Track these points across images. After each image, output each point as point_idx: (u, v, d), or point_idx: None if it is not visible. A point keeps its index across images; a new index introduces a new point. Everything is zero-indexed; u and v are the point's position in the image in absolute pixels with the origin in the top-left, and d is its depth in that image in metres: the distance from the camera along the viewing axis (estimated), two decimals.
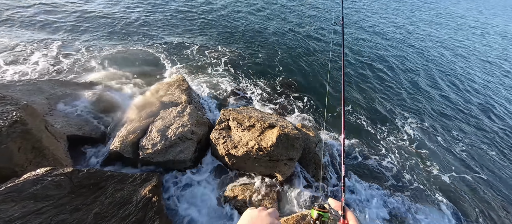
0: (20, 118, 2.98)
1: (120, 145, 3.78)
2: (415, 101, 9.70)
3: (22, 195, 2.16)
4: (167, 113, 4.57)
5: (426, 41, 16.52)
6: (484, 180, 6.85)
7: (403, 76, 11.34)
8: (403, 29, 17.92)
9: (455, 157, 7.42)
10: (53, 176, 2.43)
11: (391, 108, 8.88)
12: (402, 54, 13.64)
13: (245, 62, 9.47)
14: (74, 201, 2.35)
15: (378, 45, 14.16)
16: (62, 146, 3.74)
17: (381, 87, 10.12)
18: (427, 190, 5.98)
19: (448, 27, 21.20)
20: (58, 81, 4.96)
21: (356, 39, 14.17)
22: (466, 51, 16.18)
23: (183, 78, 5.76)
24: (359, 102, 8.79)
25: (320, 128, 7.17)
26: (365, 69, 11.28)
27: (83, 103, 4.52)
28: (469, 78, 12.67)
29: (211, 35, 10.85)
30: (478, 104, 10.70)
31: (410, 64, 12.73)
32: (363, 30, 15.83)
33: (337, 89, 9.46)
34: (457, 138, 8.25)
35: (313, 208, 0.86)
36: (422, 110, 9.24)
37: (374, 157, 6.57)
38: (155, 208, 2.69)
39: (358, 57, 12.18)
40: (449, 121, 8.98)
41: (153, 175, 3.06)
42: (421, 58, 13.77)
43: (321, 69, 10.20)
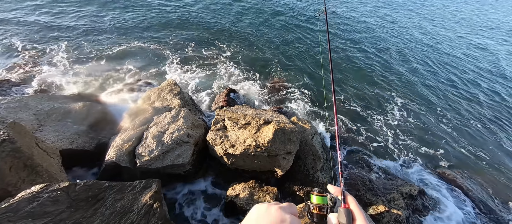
0: (8, 136, 2.88)
1: (116, 155, 3.72)
2: (404, 84, 9.96)
3: (19, 214, 2.10)
4: (161, 119, 4.52)
5: (411, 29, 16.94)
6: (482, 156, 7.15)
7: (391, 61, 11.60)
8: (386, 17, 18.27)
9: (443, 132, 7.70)
10: (49, 192, 2.37)
11: (379, 92, 9.10)
12: (384, 40, 13.91)
13: (236, 59, 9.45)
14: (73, 215, 2.31)
15: (365, 32, 14.40)
16: (56, 161, 3.64)
17: (370, 71, 10.32)
18: (419, 166, 6.20)
19: (433, 16, 21.79)
20: (44, 95, 4.81)
21: (342, 28, 14.35)
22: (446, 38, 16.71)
23: (175, 82, 5.70)
24: (350, 89, 8.95)
25: (316, 118, 7.27)
26: (354, 54, 11.46)
27: (73, 116, 4.41)
28: (454, 62, 13.11)
29: (198, 35, 10.74)
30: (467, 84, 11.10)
31: (396, 49, 13.02)
32: (347, 18, 16.01)
33: (328, 80, 9.59)
34: (441, 113, 8.56)
35: (311, 193, 0.85)
36: (409, 90, 9.51)
37: (368, 142, 6.73)
38: (158, 214, 2.67)
39: (347, 44, 12.35)
40: (431, 96, 9.29)
41: (153, 181, 3.03)
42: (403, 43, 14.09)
43: (312, 60, 10.31)
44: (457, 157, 6.90)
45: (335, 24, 14.71)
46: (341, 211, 0.73)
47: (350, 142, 6.64)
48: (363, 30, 14.61)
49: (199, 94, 7.46)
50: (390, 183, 5.06)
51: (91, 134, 4.35)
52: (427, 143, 7.17)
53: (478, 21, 21.63)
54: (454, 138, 7.63)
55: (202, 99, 7.30)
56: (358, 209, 0.74)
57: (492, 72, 12.59)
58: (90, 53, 8.20)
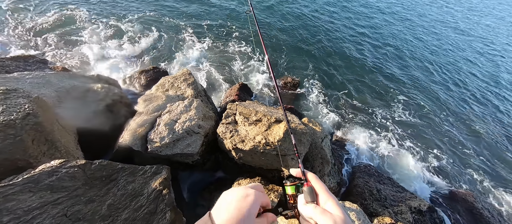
0: (32, 110, 3.03)
1: (130, 138, 3.83)
2: (427, 91, 9.56)
3: (39, 186, 2.21)
4: (174, 107, 4.59)
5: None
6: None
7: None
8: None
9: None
10: (67, 168, 2.48)
11: (401, 98, 8.78)
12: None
13: (251, 55, 9.40)
14: (88, 192, 2.40)
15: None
16: (73, 138, 3.81)
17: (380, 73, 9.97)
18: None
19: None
20: (66, 73, 4.99)
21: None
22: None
23: (189, 72, 5.75)
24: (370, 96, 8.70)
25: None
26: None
27: (92, 96, 4.56)
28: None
29: (217, 26, 10.74)
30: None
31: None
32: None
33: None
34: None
35: (285, 185, 0.85)
36: (434, 99, 9.12)
37: (379, 151, 6.55)
38: (166, 200, 2.73)
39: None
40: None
41: (163, 168, 3.10)
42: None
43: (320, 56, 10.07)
44: (473, 176, 6.60)
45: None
46: (305, 189, 0.75)
47: (360, 150, 6.50)
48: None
49: (211, 86, 7.51)
50: (399, 196, 4.93)
51: (107, 115, 4.49)
52: (442, 158, 6.90)
53: None
54: (475, 156, 7.29)
55: (214, 91, 7.34)
56: (318, 184, 0.75)
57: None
58: (111, 37, 8.42)
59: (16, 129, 2.72)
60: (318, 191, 0.74)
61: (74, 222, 2.11)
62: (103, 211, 2.33)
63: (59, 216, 2.08)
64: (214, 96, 7.22)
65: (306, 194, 0.74)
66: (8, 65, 5.58)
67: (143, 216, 2.47)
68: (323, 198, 0.72)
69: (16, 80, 4.04)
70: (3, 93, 3.10)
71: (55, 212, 2.09)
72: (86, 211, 2.24)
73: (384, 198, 4.83)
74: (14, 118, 2.80)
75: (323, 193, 0.73)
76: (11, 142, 2.62)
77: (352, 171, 5.79)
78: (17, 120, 2.78)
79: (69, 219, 2.11)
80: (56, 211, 2.10)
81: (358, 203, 4.59)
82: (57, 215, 2.08)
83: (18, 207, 1.98)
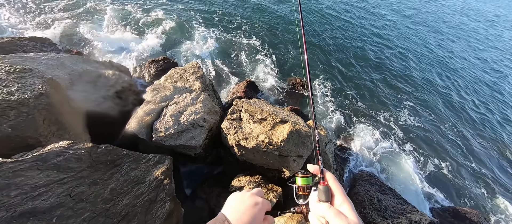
0: (45, 91, 3.12)
1: (136, 126, 3.90)
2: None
3: (46, 164, 2.29)
4: (181, 99, 4.63)
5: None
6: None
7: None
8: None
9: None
10: (74, 150, 2.55)
11: (401, 106, 8.57)
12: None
13: (262, 52, 9.36)
14: (92, 175, 2.47)
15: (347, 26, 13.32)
16: (82, 121, 3.91)
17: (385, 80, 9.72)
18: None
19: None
20: (79, 57, 5.11)
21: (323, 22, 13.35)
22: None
23: (198, 65, 5.78)
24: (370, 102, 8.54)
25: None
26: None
27: (102, 82, 4.66)
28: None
29: (228, 22, 10.73)
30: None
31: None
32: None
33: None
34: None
35: (296, 176, 0.85)
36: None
37: (382, 161, 6.43)
38: (166, 190, 2.78)
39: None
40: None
41: (166, 158, 3.15)
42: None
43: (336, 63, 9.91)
44: (479, 193, 6.40)
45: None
46: (320, 188, 0.74)
47: (363, 158, 6.40)
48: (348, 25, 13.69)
49: (220, 80, 7.53)
50: (400, 208, 4.84)
51: (116, 101, 4.58)
52: (448, 172, 6.71)
53: None
54: (483, 171, 7.05)
55: (222, 86, 7.37)
56: (336, 185, 0.74)
57: None
58: (125, 25, 8.55)
59: (29, 108, 2.81)
60: (335, 191, 0.73)
61: (77, 202, 2.17)
62: (106, 195, 2.39)
63: (63, 196, 2.15)
64: (222, 91, 7.25)
65: (321, 192, 0.73)
66: (25, 45, 5.77)
67: (143, 203, 2.52)
68: (339, 200, 0.71)
69: (32, 60, 4.16)
70: (20, 72, 3.21)
71: (60, 191, 2.16)
72: (90, 193, 2.31)
73: (385, 208, 4.75)
74: (28, 96, 2.90)
75: (340, 194, 0.72)
76: (23, 120, 2.72)
77: (354, 178, 5.72)
78: (31, 99, 2.87)
79: (72, 199, 2.17)
80: (61, 190, 2.17)
81: (357, 211, 4.53)
82: (61, 194, 2.15)
83: (25, 183, 2.05)
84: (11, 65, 3.19)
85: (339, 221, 0.64)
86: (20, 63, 3.78)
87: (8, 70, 3.09)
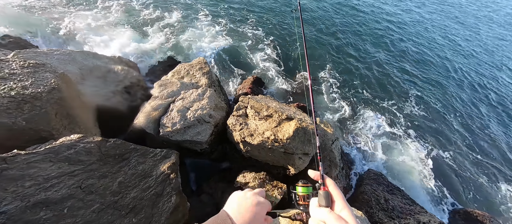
0: (57, 85, 3.21)
1: (144, 120, 3.97)
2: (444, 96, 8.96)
3: (58, 157, 2.37)
4: (188, 94, 4.67)
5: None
6: None
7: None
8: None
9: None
10: (84, 143, 2.62)
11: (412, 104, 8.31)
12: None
13: (269, 48, 9.26)
14: (101, 168, 2.54)
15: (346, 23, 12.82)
16: (92, 115, 4.01)
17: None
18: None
19: None
20: (90, 53, 5.22)
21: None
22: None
23: (205, 60, 5.79)
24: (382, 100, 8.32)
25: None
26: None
27: (112, 77, 4.75)
28: None
29: (237, 16, 10.65)
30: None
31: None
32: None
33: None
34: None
35: (297, 185, 0.87)
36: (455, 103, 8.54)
37: (390, 160, 6.29)
38: (173, 184, 2.82)
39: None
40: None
41: (172, 153, 3.19)
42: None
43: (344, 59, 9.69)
44: (493, 196, 6.16)
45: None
46: (321, 194, 0.75)
47: (371, 156, 6.28)
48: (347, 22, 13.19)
49: (226, 76, 7.53)
50: (407, 208, 4.73)
51: (125, 96, 4.67)
52: (461, 173, 6.48)
53: None
54: (498, 173, 6.78)
55: (228, 81, 7.37)
56: (336, 191, 0.75)
57: None
58: (132, 21, 8.65)
59: (42, 102, 2.91)
60: (335, 197, 0.73)
61: (87, 194, 2.24)
62: (114, 188, 2.46)
63: (74, 187, 2.22)
64: (228, 86, 7.25)
65: (321, 197, 0.74)
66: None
67: (150, 197, 2.57)
68: (339, 206, 0.71)
69: (45, 55, 4.29)
70: (33, 67, 3.31)
71: (71, 183, 2.23)
72: (99, 186, 2.38)
73: (392, 208, 4.66)
74: (41, 91, 2.99)
75: (340, 200, 0.72)
76: (37, 113, 2.81)
77: (361, 178, 5.63)
78: (43, 93, 2.96)
79: (82, 191, 2.24)
80: (72, 182, 2.24)
81: (363, 210, 4.48)
82: (72, 186, 2.22)
83: (39, 174, 2.13)
84: (25, 60, 3.29)
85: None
86: (33, 58, 3.90)
87: (22, 64, 3.19)
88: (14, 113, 2.64)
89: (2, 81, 2.88)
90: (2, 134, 2.54)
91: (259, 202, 0.79)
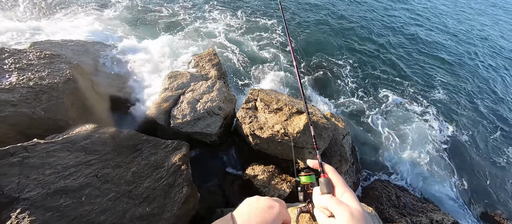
0: (72, 76, 3.28)
1: (155, 112, 4.02)
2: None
3: (75, 146, 2.45)
4: (198, 86, 4.66)
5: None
6: None
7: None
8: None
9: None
10: (99, 133, 2.70)
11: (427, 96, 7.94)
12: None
13: (281, 40, 9.05)
14: (116, 158, 2.61)
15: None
16: (106, 105, 4.11)
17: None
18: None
19: None
20: (103, 44, 5.28)
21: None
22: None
23: (215, 52, 5.73)
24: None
25: None
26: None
27: (124, 68, 4.81)
28: None
29: (248, 6, 10.41)
30: None
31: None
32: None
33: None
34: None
35: (299, 176, 0.87)
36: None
37: (403, 155, 6.11)
38: (184, 175, 2.87)
39: None
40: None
41: (183, 144, 3.23)
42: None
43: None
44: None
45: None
46: (321, 181, 0.75)
47: (383, 153, 6.11)
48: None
49: (235, 68, 7.46)
50: (419, 205, 4.62)
51: (137, 88, 4.73)
52: (480, 173, 6.20)
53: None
54: None
55: (237, 73, 7.29)
56: (336, 176, 0.75)
57: None
58: (146, 13, 8.66)
59: (58, 92, 2.99)
60: (335, 183, 0.74)
61: (103, 183, 2.32)
62: (128, 177, 2.52)
63: (91, 176, 2.29)
64: (237, 78, 7.18)
65: (322, 185, 0.74)
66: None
67: (162, 187, 2.63)
68: (340, 191, 0.72)
69: (60, 46, 4.38)
70: (49, 57, 3.39)
71: (88, 172, 2.31)
72: (114, 175, 2.45)
73: (403, 205, 4.56)
74: (57, 81, 3.07)
75: (340, 185, 0.72)
76: (54, 103, 2.90)
77: (372, 172, 5.53)
78: (60, 84, 3.04)
79: (99, 180, 2.32)
80: (88, 171, 2.32)
81: (373, 206, 4.41)
82: (89, 174, 2.30)
83: (57, 163, 2.21)
84: (41, 51, 3.37)
85: (341, 209, 0.64)
86: (49, 49, 3.99)
87: (38, 55, 3.27)
88: (33, 103, 2.74)
89: (21, 71, 2.97)
90: (23, 123, 2.65)
91: (272, 206, 0.70)
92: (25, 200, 1.88)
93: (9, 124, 2.54)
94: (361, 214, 0.62)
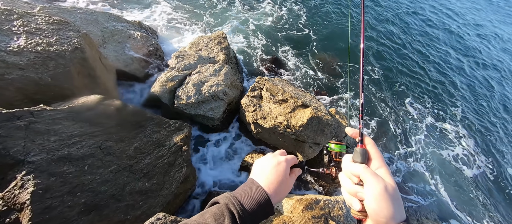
0: (80, 45, 3.25)
1: (160, 90, 4.01)
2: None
3: (80, 116, 2.47)
4: (204, 69, 4.61)
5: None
6: None
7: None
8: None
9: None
10: (104, 105, 2.71)
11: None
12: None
13: (293, 30, 8.76)
14: (119, 132, 2.65)
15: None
16: (112, 78, 4.10)
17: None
18: None
19: None
20: (112, 15, 5.18)
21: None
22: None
23: (224, 35, 5.59)
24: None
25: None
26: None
27: (132, 42, 4.74)
28: None
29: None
30: None
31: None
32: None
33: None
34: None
35: (330, 142, 0.89)
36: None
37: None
38: (184, 156, 2.92)
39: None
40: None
41: (186, 125, 3.25)
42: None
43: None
44: None
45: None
46: (357, 150, 0.72)
47: (404, 165, 5.87)
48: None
49: (244, 53, 7.31)
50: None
51: (143, 64, 4.69)
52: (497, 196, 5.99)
53: None
54: None
55: (246, 59, 7.16)
56: (375, 149, 0.72)
57: None
58: None
59: (65, 60, 2.97)
60: (373, 156, 0.71)
61: (105, 155, 2.36)
62: (130, 152, 2.57)
63: (94, 147, 2.34)
64: (245, 64, 7.06)
65: (357, 154, 0.71)
66: None
67: (163, 165, 2.68)
68: (376, 164, 0.69)
69: (69, 13, 4.31)
70: (57, 24, 3.34)
71: (91, 142, 2.35)
72: (116, 149, 2.49)
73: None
74: (65, 49, 3.04)
75: (378, 159, 0.70)
76: (61, 71, 2.89)
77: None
78: (67, 52, 3.02)
79: (102, 152, 2.36)
80: (92, 142, 2.36)
81: None
82: (92, 145, 2.34)
83: (62, 131, 2.25)
84: (50, 16, 3.31)
85: (376, 181, 0.62)
86: (58, 14, 3.93)
87: (47, 20, 3.22)
88: (40, 69, 2.73)
89: (29, 35, 2.94)
90: (30, 88, 2.66)
91: (280, 162, 0.82)
92: (30, 163, 1.94)
93: (16, 88, 2.56)
94: (395, 190, 0.62)
